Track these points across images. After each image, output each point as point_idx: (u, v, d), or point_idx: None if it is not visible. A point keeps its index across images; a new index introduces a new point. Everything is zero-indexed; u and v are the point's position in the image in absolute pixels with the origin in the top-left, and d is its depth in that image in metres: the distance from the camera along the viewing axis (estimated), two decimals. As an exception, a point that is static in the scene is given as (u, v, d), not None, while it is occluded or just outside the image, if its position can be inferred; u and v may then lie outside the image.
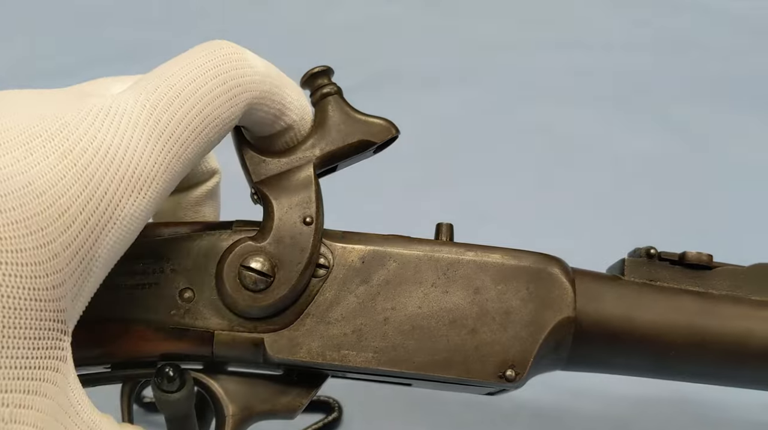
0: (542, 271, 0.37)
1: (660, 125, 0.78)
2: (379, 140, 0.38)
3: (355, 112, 0.38)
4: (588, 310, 0.38)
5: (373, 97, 0.80)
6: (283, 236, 0.36)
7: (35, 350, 0.26)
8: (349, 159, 0.38)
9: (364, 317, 0.36)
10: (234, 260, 0.36)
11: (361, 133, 0.38)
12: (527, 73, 0.85)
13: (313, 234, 0.36)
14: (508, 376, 0.36)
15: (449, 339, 0.37)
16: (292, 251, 0.36)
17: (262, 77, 0.34)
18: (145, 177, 0.30)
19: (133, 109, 0.30)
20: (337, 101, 0.38)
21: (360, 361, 0.36)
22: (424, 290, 0.37)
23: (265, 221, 0.36)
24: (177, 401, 0.36)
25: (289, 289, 0.35)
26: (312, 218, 0.36)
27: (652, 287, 0.39)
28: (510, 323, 0.37)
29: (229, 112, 0.33)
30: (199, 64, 0.33)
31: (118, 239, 0.30)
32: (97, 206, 0.28)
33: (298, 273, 0.35)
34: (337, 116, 0.38)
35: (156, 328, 0.36)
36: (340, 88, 0.38)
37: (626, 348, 0.38)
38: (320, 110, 0.38)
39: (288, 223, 0.36)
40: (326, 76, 0.38)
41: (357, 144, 0.38)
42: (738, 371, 0.39)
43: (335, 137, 0.38)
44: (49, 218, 0.27)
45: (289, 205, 0.36)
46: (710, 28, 0.91)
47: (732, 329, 0.38)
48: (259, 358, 0.36)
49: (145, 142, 0.30)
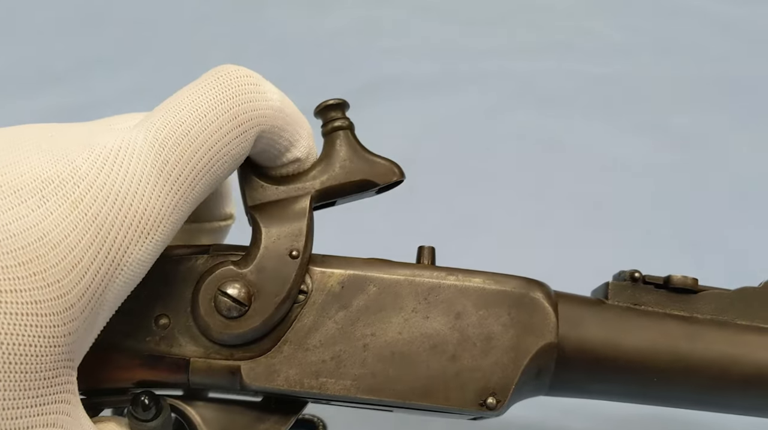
0: (524, 296, 0.37)
1: (657, 131, 0.77)
2: (381, 182, 0.37)
3: (364, 150, 0.37)
4: (571, 335, 0.37)
5: (369, 103, 0.80)
6: (266, 266, 0.35)
7: (51, 387, 0.27)
8: (349, 196, 0.38)
9: (343, 344, 0.36)
10: (212, 283, 0.35)
11: (365, 172, 0.37)
12: (523, 78, 0.84)
13: (297, 269, 0.35)
14: (488, 404, 0.36)
15: (429, 366, 0.36)
16: (273, 283, 0.35)
17: (275, 111, 0.34)
18: (152, 221, 0.30)
19: (142, 150, 0.30)
20: (346, 136, 0.37)
21: (338, 389, 0.36)
22: (405, 316, 0.36)
23: (251, 248, 0.36)
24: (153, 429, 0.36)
25: (262, 321, 0.35)
26: (299, 252, 0.35)
27: (637, 311, 0.38)
28: (491, 349, 0.36)
29: (239, 148, 0.33)
30: (210, 96, 0.32)
31: (125, 283, 0.30)
32: (107, 255, 0.29)
33: (275, 306, 0.35)
34: (344, 152, 0.37)
35: (131, 355, 0.35)
36: (352, 124, 0.38)
37: (610, 374, 0.38)
38: (328, 143, 0.37)
39: (273, 253, 0.35)
40: (340, 109, 0.38)
41: (359, 183, 0.37)
42: (723, 397, 0.38)
43: (338, 173, 0.37)
44: (64, 269, 0.27)
45: (278, 236, 0.36)
46: (708, 33, 0.90)
47: (717, 354, 0.38)
48: (236, 386, 0.36)
49: (153, 185, 0.30)
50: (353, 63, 0.86)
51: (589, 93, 0.82)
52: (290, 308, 0.36)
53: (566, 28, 0.92)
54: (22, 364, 0.26)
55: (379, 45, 0.89)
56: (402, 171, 0.38)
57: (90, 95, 0.82)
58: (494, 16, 0.93)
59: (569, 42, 0.90)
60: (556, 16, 0.94)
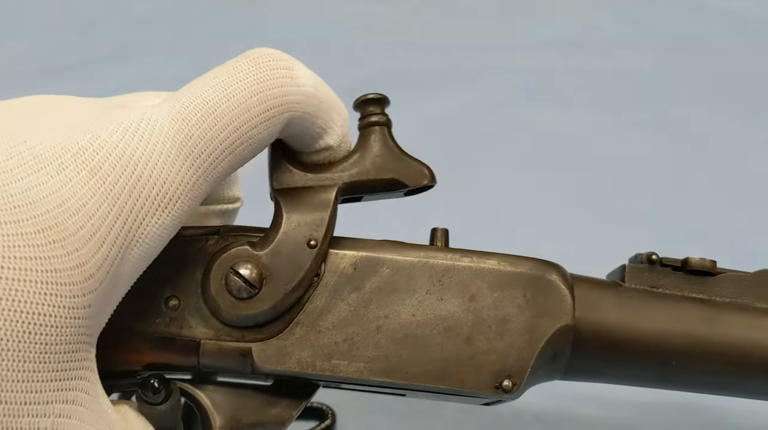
0: (540, 277, 0.36)
1: (660, 126, 0.77)
2: (410, 184, 0.37)
3: (398, 149, 0.37)
4: (587, 318, 0.36)
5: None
6: (282, 251, 0.35)
7: (71, 363, 0.27)
8: (377, 194, 0.37)
9: (356, 326, 0.35)
10: (225, 261, 0.34)
11: (396, 171, 0.37)
12: (524, 74, 0.84)
13: (313, 259, 0.35)
14: (504, 387, 0.35)
15: (444, 348, 0.35)
16: (286, 269, 0.34)
17: (307, 98, 0.33)
18: (171, 195, 0.29)
19: (164, 123, 0.30)
20: (382, 133, 0.37)
21: (351, 371, 0.35)
22: (418, 298, 0.36)
23: (270, 231, 0.35)
24: (163, 413, 0.35)
25: (271, 305, 0.34)
26: (317, 242, 0.35)
27: (654, 294, 0.38)
28: (506, 332, 0.36)
29: (265, 132, 0.32)
30: (240, 77, 0.31)
31: (140, 256, 0.30)
32: (124, 224, 0.28)
33: (285, 292, 0.34)
34: (377, 148, 0.37)
35: (141, 337, 0.35)
36: (389, 121, 0.37)
37: (626, 358, 0.37)
38: (363, 137, 0.37)
39: (292, 239, 0.35)
40: (380, 105, 0.37)
41: (388, 181, 0.37)
42: (742, 382, 0.38)
43: (369, 168, 0.36)
44: (83, 237, 0.27)
45: (299, 223, 0.35)
46: (710, 28, 0.90)
47: (736, 338, 0.37)
48: (246, 368, 0.35)
49: (174, 159, 0.29)
50: (355, 58, 0.86)
51: (592, 88, 0.82)
52: (301, 296, 0.35)
53: (569, 23, 0.91)
54: (41, 334, 0.25)
55: (381, 40, 0.89)
56: (433, 176, 0.37)
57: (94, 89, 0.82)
58: (496, 11, 0.93)
59: (572, 37, 0.89)
60: (559, 11, 0.93)
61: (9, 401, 0.25)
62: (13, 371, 0.25)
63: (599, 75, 0.83)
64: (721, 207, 0.68)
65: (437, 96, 0.81)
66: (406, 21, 0.92)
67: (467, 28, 0.90)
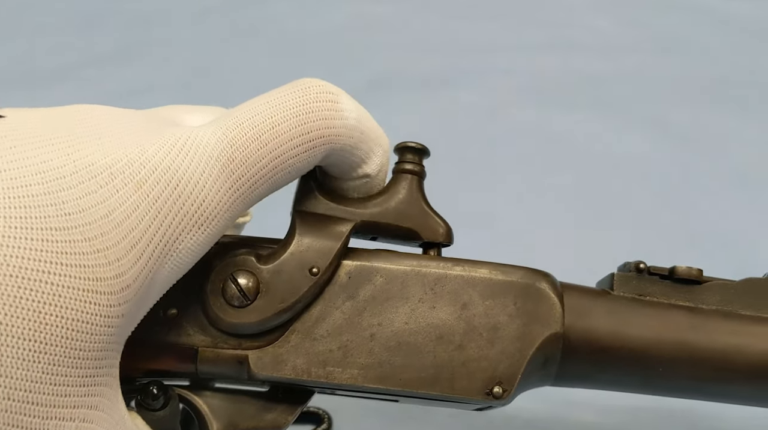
0: (530, 286, 0.37)
1: (657, 128, 0.77)
2: (426, 238, 0.38)
3: (424, 202, 0.38)
4: (577, 325, 0.37)
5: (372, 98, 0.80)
6: (284, 271, 0.35)
7: (99, 369, 0.28)
8: (392, 239, 0.38)
9: (351, 334, 0.36)
10: (228, 266, 0.35)
11: (416, 223, 0.38)
12: (524, 75, 0.84)
13: (310, 286, 0.35)
14: (495, 393, 0.36)
15: (436, 355, 0.36)
16: (282, 289, 0.35)
17: (349, 130, 0.34)
18: (208, 214, 0.30)
19: (209, 144, 0.30)
20: (414, 182, 0.38)
21: (345, 378, 0.36)
22: (411, 306, 0.37)
23: (279, 248, 0.36)
24: (162, 419, 0.36)
25: (258, 320, 0.35)
26: (319, 270, 0.36)
27: (642, 301, 0.38)
28: (497, 339, 0.36)
29: (305, 162, 0.33)
30: (287, 107, 0.32)
31: (173, 270, 0.30)
32: (161, 238, 0.29)
33: (275, 311, 0.35)
34: (404, 195, 0.38)
35: (139, 344, 0.35)
36: (424, 173, 0.38)
37: (615, 364, 0.38)
38: (394, 181, 0.38)
39: (296, 262, 0.36)
40: (419, 155, 0.38)
41: (406, 230, 0.38)
42: (728, 388, 0.38)
43: (391, 212, 0.37)
44: (124, 249, 0.27)
45: (308, 247, 0.36)
46: (708, 30, 0.91)
47: (722, 345, 0.38)
48: (243, 375, 0.36)
49: (215, 179, 0.30)
50: (355, 59, 0.86)
51: (591, 89, 0.83)
52: (287, 320, 0.36)
53: (569, 25, 0.92)
54: (77, 340, 0.26)
55: (381, 41, 0.90)
56: (450, 236, 0.38)
57: (94, 90, 0.83)
58: (497, 12, 0.94)
59: (572, 39, 0.90)
60: (559, 13, 0.94)
61: (41, 403, 0.25)
62: (49, 374, 0.25)
63: (599, 77, 0.84)
64: (721, 208, 0.68)
65: (437, 97, 0.81)
66: (406, 21, 0.93)
67: (468, 28, 0.91)
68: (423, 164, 0.39)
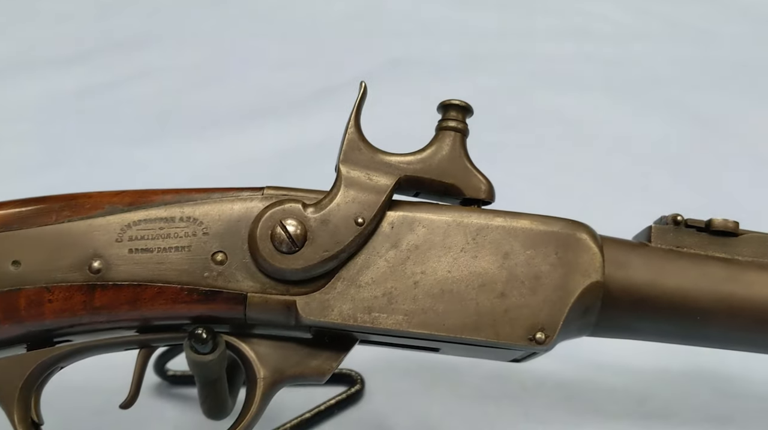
0: (571, 236, 0.38)
1: (672, 111, 0.78)
2: (468, 194, 0.39)
3: (466, 158, 0.39)
4: (616, 275, 0.38)
5: (384, 84, 0.81)
6: (330, 221, 0.36)
7: None
8: (433, 195, 0.39)
9: (395, 281, 0.37)
10: (277, 214, 0.36)
11: (458, 179, 0.38)
12: (540, 60, 0.85)
13: (355, 236, 0.36)
14: (537, 339, 0.37)
15: (479, 303, 0.37)
16: (329, 238, 0.36)
17: None
18: None
19: None
20: (457, 139, 0.39)
21: (391, 323, 0.36)
22: (453, 255, 0.37)
23: (325, 198, 0.37)
24: (210, 363, 0.36)
25: (303, 267, 0.36)
26: (364, 221, 0.36)
27: (679, 253, 0.39)
28: (539, 287, 0.37)
29: None
30: None
31: None
32: None
33: (320, 259, 0.36)
34: (448, 152, 0.38)
35: (189, 290, 0.36)
36: (467, 130, 0.39)
37: (653, 313, 0.38)
38: (438, 138, 0.39)
39: (342, 212, 0.36)
40: (462, 112, 0.39)
41: (448, 186, 0.38)
42: (763, 336, 0.39)
43: (435, 168, 0.38)
44: None
45: (354, 199, 0.37)
46: (722, 16, 0.91)
47: (758, 295, 0.39)
48: (291, 320, 0.36)
49: None
50: (366, 46, 0.87)
51: (606, 75, 0.83)
52: (334, 268, 0.36)
53: (583, 12, 0.93)
54: None
55: (398, 27, 0.90)
56: (492, 193, 0.39)
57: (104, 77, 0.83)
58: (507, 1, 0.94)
59: (587, 25, 0.91)
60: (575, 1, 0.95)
61: None
62: None
63: (613, 61, 0.84)
64: (734, 187, 0.69)
65: (450, 83, 0.82)
66: (421, 9, 0.93)
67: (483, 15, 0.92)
68: (466, 122, 0.39)
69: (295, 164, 0.69)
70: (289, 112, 0.78)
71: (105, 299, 0.36)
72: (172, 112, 0.78)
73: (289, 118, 0.77)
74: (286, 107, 0.78)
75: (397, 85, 0.80)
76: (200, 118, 0.77)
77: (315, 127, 0.75)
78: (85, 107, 0.79)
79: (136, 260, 0.36)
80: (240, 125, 0.76)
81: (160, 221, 0.37)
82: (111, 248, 0.36)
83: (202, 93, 0.81)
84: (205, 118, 0.77)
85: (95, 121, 0.77)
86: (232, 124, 0.76)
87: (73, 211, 0.37)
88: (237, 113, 0.78)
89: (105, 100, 0.80)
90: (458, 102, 0.39)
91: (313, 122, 0.76)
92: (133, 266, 0.36)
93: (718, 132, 0.76)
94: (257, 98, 0.80)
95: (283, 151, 0.72)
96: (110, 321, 0.37)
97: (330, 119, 0.55)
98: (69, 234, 0.36)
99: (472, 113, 0.39)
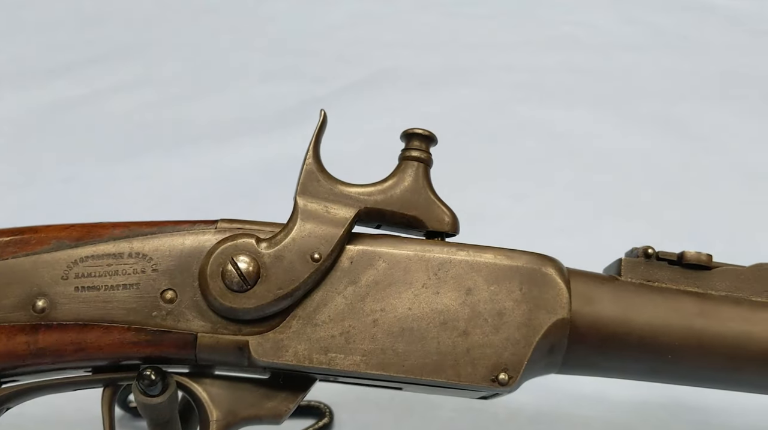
0: (536, 271, 0.36)
1: (658, 124, 0.77)
2: (431, 227, 0.37)
3: (430, 190, 0.37)
4: (584, 311, 0.36)
5: (369, 96, 0.80)
6: (285, 256, 0.35)
7: None
8: (395, 227, 0.37)
9: (353, 319, 0.35)
10: (228, 250, 0.35)
11: (421, 211, 0.37)
12: (525, 72, 0.84)
13: (312, 271, 0.35)
14: (500, 380, 0.35)
15: (440, 342, 0.35)
16: (283, 274, 0.35)
17: None
18: None
19: None
20: (420, 169, 0.37)
21: (348, 364, 0.35)
22: (415, 291, 0.36)
23: (280, 233, 0.35)
24: (159, 405, 0.35)
25: (255, 306, 0.34)
26: (321, 256, 0.35)
27: (650, 287, 0.38)
28: (503, 325, 0.36)
29: None
30: None
31: None
32: None
33: (274, 297, 0.34)
34: (411, 183, 0.37)
35: (137, 330, 0.35)
36: (431, 160, 0.38)
37: (623, 351, 0.37)
38: (400, 168, 0.37)
39: (297, 247, 0.35)
40: (427, 142, 0.38)
41: (410, 218, 0.37)
42: (738, 375, 0.38)
43: (396, 200, 0.37)
44: None
45: (310, 233, 0.35)
46: (709, 27, 0.90)
47: (732, 331, 0.37)
48: (243, 361, 0.35)
49: None
50: (353, 57, 0.86)
51: (593, 86, 0.82)
52: (288, 306, 0.35)
53: (571, 22, 0.92)
54: None
55: (383, 38, 0.89)
56: (456, 226, 0.37)
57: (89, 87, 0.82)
58: (498, 10, 0.93)
59: (574, 36, 0.89)
60: (561, 10, 0.94)
61: None
62: None
63: (600, 73, 0.83)
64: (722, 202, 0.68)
65: (437, 94, 0.81)
66: (407, 18, 0.92)
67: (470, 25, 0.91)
68: (430, 152, 0.38)
69: (277, 179, 0.68)
70: (271, 126, 0.76)
71: (49, 339, 0.35)
72: (152, 126, 0.76)
73: (270, 133, 0.76)
74: (268, 121, 0.77)
75: (379, 97, 0.78)
76: (180, 132, 0.76)
77: (297, 141, 0.73)
78: (62, 121, 0.77)
79: (83, 299, 0.34)
80: (221, 139, 0.75)
81: (108, 257, 0.35)
82: (56, 286, 0.35)
83: (182, 107, 0.79)
84: (186, 132, 0.76)
85: (72, 134, 0.75)
86: (212, 138, 0.75)
87: (18, 247, 0.35)
88: (218, 127, 0.76)
89: (83, 113, 0.78)
90: (421, 131, 0.38)
91: (295, 136, 0.74)
92: (78, 305, 0.34)
93: (705, 146, 0.75)
94: (239, 112, 0.78)
95: (265, 166, 0.70)
96: (56, 362, 0.35)
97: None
98: (13, 271, 0.35)
99: (436, 143, 0.38)
